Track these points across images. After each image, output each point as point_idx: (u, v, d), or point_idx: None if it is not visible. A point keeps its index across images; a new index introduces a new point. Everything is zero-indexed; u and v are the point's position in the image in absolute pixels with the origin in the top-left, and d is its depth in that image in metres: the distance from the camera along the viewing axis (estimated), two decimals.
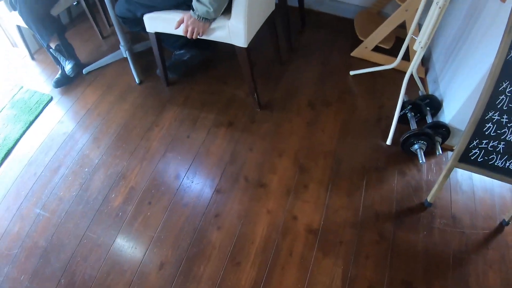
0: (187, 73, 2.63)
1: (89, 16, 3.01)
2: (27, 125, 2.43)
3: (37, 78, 2.78)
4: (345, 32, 3.10)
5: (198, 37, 2.00)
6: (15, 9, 2.50)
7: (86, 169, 2.10)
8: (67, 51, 2.63)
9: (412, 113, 2.29)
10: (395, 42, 2.76)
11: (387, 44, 2.72)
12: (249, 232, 1.83)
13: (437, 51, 2.66)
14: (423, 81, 2.64)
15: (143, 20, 2.14)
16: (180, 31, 2.01)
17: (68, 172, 2.10)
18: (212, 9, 1.83)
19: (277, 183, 2.00)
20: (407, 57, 2.57)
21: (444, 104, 2.29)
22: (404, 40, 2.28)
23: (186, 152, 2.16)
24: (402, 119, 2.29)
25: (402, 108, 2.23)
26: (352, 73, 2.67)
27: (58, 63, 2.66)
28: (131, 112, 2.39)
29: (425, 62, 2.76)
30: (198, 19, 1.91)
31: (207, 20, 1.92)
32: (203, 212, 1.89)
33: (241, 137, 2.22)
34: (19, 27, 2.76)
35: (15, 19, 2.58)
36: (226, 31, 2.00)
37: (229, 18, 1.95)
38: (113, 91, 2.55)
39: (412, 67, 2.13)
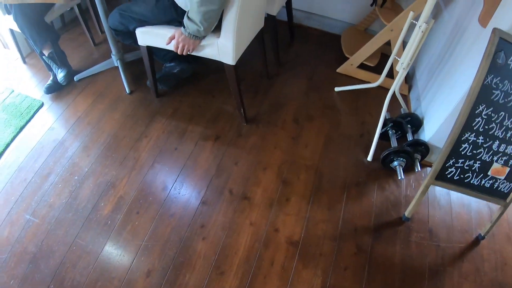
0: (177, 85, 2.72)
1: (82, 22, 3.08)
2: (17, 130, 2.48)
3: (28, 83, 2.84)
4: (332, 47, 3.24)
5: (188, 53, 2.10)
6: (9, 13, 2.56)
7: (76, 177, 2.17)
8: (60, 59, 2.69)
9: (393, 131, 2.42)
10: (380, 59, 2.88)
11: (372, 61, 2.85)
12: (233, 242, 1.93)
13: (421, 69, 2.79)
14: (406, 98, 2.77)
15: (135, 33, 2.24)
16: (171, 47, 2.10)
17: (58, 179, 2.17)
18: (202, 28, 1.92)
19: (260, 196, 2.11)
20: (391, 75, 2.70)
21: (424, 122, 2.41)
22: (389, 56, 2.40)
23: (174, 163, 2.25)
24: (384, 135, 2.41)
25: (384, 125, 2.35)
26: (337, 89, 2.79)
27: (50, 69, 2.72)
28: (121, 122, 2.47)
29: (409, 79, 2.89)
30: (189, 37, 1.99)
31: (198, 37, 2.01)
32: (189, 222, 1.99)
33: (227, 150, 2.32)
34: (11, 31, 2.82)
35: (9, 22, 2.65)
36: (215, 49, 2.10)
37: (218, 36, 2.05)
38: (104, 100, 2.63)
39: (394, 87, 2.26)
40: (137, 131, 2.41)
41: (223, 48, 2.09)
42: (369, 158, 2.33)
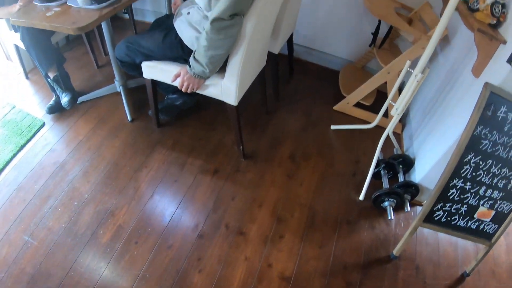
0: (178, 116, 2.83)
1: (86, 42, 3.20)
2: (17, 148, 2.56)
3: (30, 100, 2.94)
4: (330, 83, 3.40)
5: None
6: (16, 31, 2.65)
7: (76, 203, 2.25)
8: (65, 82, 2.78)
9: (386, 171, 2.55)
10: (376, 97, 3.05)
11: (367, 101, 3.00)
12: (228, 276, 2.02)
13: (415, 109, 2.95)
14: (399, 136, 2.93)
15: (141, 66, 2.33)
16: (176, 83, 2.20)
17: (57, 203, 2.25)
18: (208, 70, 2.01)
19: (255, 232, 2.21)
20: (384, 113, 2.82)
21: (416, 163, 2.55)
22: (384, 93, 2.57)
23: (173, 195, 2.34)
24: (376, 175, 2.54)
25: (377, 165, 2.48)
26: (333, 127, 2.93)
27: (53, 90, 2.81)
28: (122, 150, 2.57)
29: (403, 118, 3.04)
30: (194, 76, 2.08)
31: (202, 77, 2.11)
32: (186, 254, 2.08)
33: (225, 185, 2.42)
34: (16, 46, 2.91)
35: (14, 38, 2.75)
36: (219, 89, 2.21)
37: (222, 77, 2.15)
38: (105, 125, 2.73)
39: (388, 130, 2.40)
40: (137, 161, 2.51)
41: (226, 89, 2.20)
42: (361, 197, 2.45)
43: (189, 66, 2.06)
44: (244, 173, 2.51)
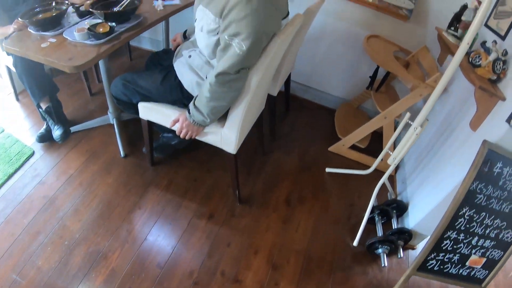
0: (172, 154, 2.85)
1: None
2: (5, 177, 2.53)
3: (20, 124, 2.92)
4: (325, 122, 3.50)
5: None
6: (8, 54, 2.63)
7: (66, 242, 2.23)
8: (57, 114, 2.77)
9: (380, 217, 2.61)
10: (371, 138, 3.15)
11: (362, 143, 3.08)
12: None
13: (409, 153, 3.02)
14: (392, 178, 3.01)
15: (138, 105, 2.32)
16: (174, 127, 2.18)
17: (47, 241, 2.22)
18: (208, 120, 2.02)
19: (251, 280, 2.22)
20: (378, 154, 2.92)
21: (409, 208, 2.61)
22: (379, 133, 2.69)
23: (168, 240, 2.34)
24: (370, 219, 2.59)
25: (371, 211, 2.54)
26: (328, 170, 2.98)
27: (45, 118, 2.79)
28: (114, 188, 2.56)
29: None
30: (193, 123, 2.06)
31: (202, 125, 2.11)
32: None
33: (220, 230, 2.43)
34: (8, 68, 2.91)
35: (6, 60, 2.74)
36: (218, 137, 2.22)
37: (222, 126, 2.16)
38: (97, 160, 2.72)
39: (384, 179, 2.46)
40: (131, 201, 2.50)
41: (226, 138, 2.20)
42: (355, 243, 2.49)
43: (189, 113, 2.04)
44: (240, 218, 2.52)
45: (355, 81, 3.42)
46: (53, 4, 2.37)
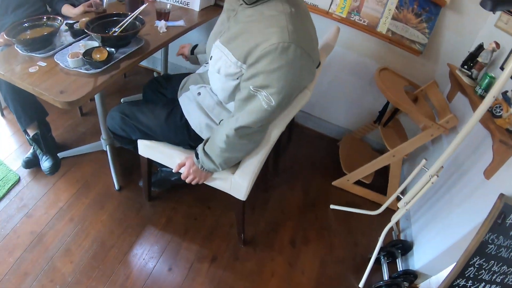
0: (171, 188, 2.71)
1: None
2: None
3: (5, 144, 2.77)
4: (328, 153, 3.41)
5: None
6: None
7: (58, 286, 2.09)
8: (46, 143, 2.60)
9: (385, 258, 2.54)
10: (374, 175, 3.06)
11: (367, 179, 3.01)
12: None
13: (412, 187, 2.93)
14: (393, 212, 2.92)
15: (137, 141, 2.16)
16: (177, 169, 2.01)
17: (36, 284, 2.07)
18: (220, 169, 1.86)
19: None
20: (383, 191, 2.94)
21: (414, 248, 2.55)
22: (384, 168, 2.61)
23: (169, 287, 2.21)
24: (375, 260, 2.51)
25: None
26: (332, 207, 2.91)
27: (32, 144, 2.63)
28: (109, 227, 2.41)
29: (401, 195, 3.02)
30: (201, 169, 1.89)
31: (211, 172, 1.95)
32: None
33: (223, 275, 2.31)
34: None
35: None
36: (227, 184, 2.06)
37: (233, 172, 2.00)
38: (89, 192, 2.58)
39: (393, 223, 2.40)
40: (127, 242, 2.36)
41: (236, 185, 2.04)
42: (361, 284, 2.41)
43: (197, 157, 1.86)
44: (244, 262, 2.41)
45: (360, 112, 3.36)
46: (44, 19, 2.17)
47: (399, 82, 2.77)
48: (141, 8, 2.29)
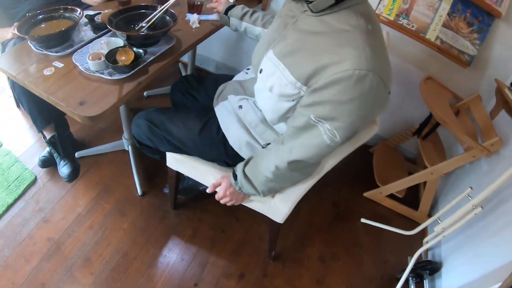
0: (197, 196, 2.58)
1: None
2: (3, 208, 2.30)
3: (21, 139, 2.67)
4: (359, 160, 3.24)
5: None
6: None
7: None
8: (64, 146, 2.46)
9: (413, 279, 2.43)
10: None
11: (400, 193, 2.88)
12: None
13: (446, 200, 2.81)
14: (424, 229, 2.78)
15: (165, 153, 1.99)
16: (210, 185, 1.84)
17: None
18: (262, 196, 1.66)
19: None
20: (414, 205, 2.82)
21: (443, 270, 2.42)
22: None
23: None
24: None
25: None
26: (363, 220, 2.79)
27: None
28: (131, 236, 2.30)
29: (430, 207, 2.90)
30: (239, 191, 1.68)
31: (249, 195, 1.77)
32: None
33: None
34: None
35: None
36: (266, 207, 1.91)
37: (273, 197, 1.84)
38: (110, 197, 2.47)
39: (426, 247, 2.32)
40: (150, 253, 2.25)
41: (275, 209, 1.89)
42: None
43: (234, 178, 1.65)
44: (272, 279, 2.29)
45: (396, 120, 3.22)
46: (61, 10, 1.94)
47: (444, 94, 2.64)
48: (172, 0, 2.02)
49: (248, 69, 1.92)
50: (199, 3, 2.29)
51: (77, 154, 2.62)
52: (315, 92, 1.26)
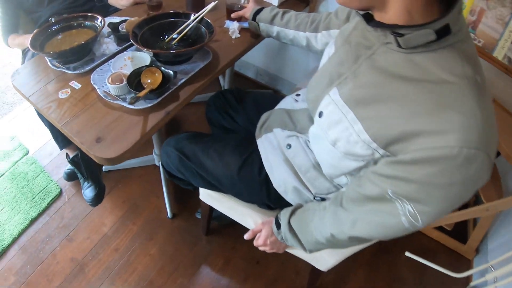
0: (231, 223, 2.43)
1: None
2: (27, 222, 2.24)
3: (47, 147, 2.62)
4: None
5: None
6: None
7: None
8: (88, 166, 2.32)
9: None
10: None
11: (449, 226, 2.72)
12: None
13: (495, 237, 2.64)
14: (468, 263, 2.65)
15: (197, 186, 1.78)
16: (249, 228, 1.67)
17: None
18: (307, 251, 1.37)
19: None
20: (461, 236, 2.68)
21: None
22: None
23: None
24: None
25: None
26: (407, 254, 2.61)
27: None
28: (159, 263, 2.18)
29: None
30: (281, 240, 1.42)
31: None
32: None
33: None
34: None
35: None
36: (310, 256, 1.66)
37: None
38: (138, 217, 2.36)
39: None
40: (178, 284, 2.11)
41: (320, 258, 1.68)
42: None
43: (277, 227, 1.40)
44: None
45: None
46: (80, 18, 1.76)
47: (507, 120, 2.45)
48: (209, 6, 1.77)
49: (298, 95, 1.59)
50: (240, 7, 1.97)
51: (104, 168, 2.53)
52: (399, 164, 0.94)
